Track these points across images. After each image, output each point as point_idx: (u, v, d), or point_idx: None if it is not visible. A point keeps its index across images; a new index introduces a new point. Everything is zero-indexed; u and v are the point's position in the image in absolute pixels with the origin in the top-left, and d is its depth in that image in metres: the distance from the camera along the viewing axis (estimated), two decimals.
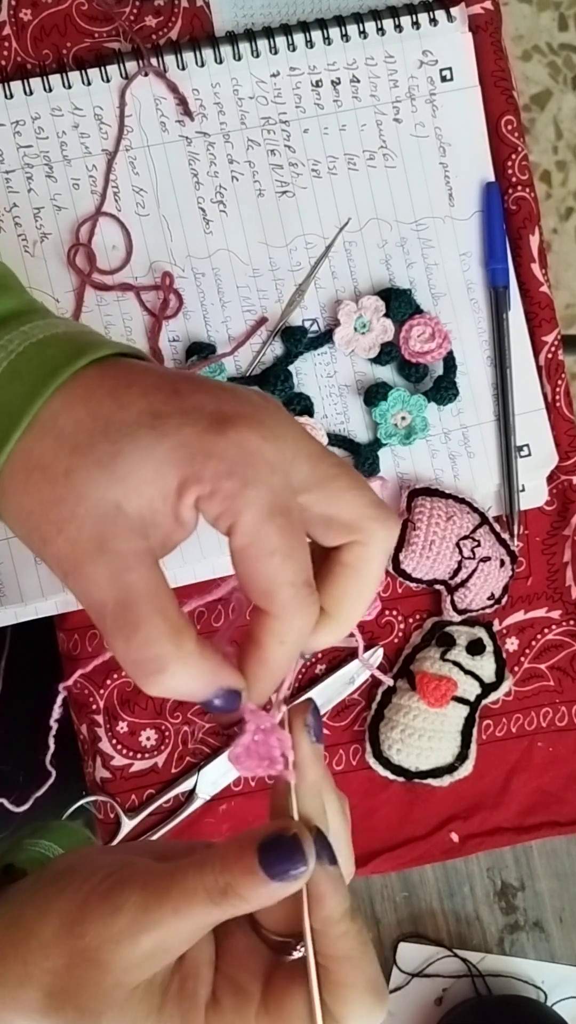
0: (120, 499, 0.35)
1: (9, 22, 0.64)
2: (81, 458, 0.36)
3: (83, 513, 0.35)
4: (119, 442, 0.36)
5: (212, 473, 0.35)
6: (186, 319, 0.66)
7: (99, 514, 0.35)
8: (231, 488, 0.35)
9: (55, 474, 0.36)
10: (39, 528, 0.36)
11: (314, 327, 0.67)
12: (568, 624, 0.70)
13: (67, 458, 0.36)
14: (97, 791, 0.66)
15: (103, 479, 0.35)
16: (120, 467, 0.35)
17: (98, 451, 0.36)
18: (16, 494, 0.37)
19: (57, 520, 0.36)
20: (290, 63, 0.66)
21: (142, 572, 0.36)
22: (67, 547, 0.36)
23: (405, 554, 0.66)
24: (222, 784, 0.67)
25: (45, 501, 0.36)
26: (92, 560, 0.35)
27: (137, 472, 0.35)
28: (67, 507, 0.36)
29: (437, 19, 0.67)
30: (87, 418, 0.37)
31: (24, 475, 0.36)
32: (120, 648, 0.35)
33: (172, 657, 0.35)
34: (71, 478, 0.36)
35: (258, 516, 0.36)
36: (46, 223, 0.64)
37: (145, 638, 0.35)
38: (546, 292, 0.69)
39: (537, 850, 0.73)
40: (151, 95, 0.65)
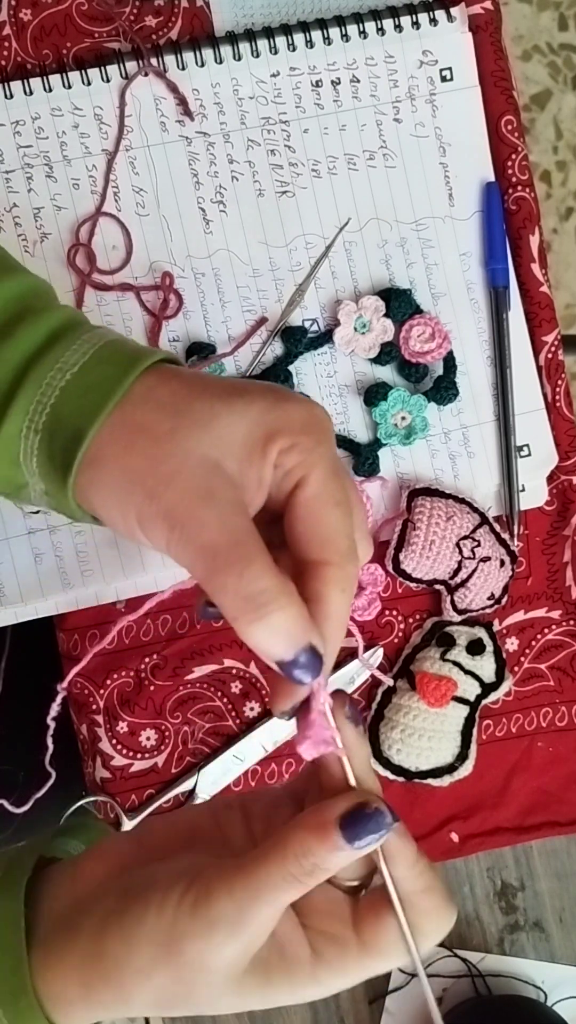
0: (219, 456, 0.40)
1: (9, 22, 0.64)
2: (183, 419, 0.40)
3: (191, 466, 0.39)
4: (215, 405, 0.40)
5: (293, 429, 0.40)
6: (186, 319, 0.66)
7: (205, 468, 0.39)
8: (307, 443, 0.40)
9: (160, 433, 0.40)
10: (145, 483, 0.40)
11: (314, 327, 0.67)
12: (568, 624, 0.70)
13: (170, 419, 0.40)
14: (97, 791, 0.66)
15: (205, 437, 0.40)
16: (217, 427, 0.40)
17: (196, 413, 0.40)
18: (119, 455, 0.40)
19: (166, 473, 0.39)
20: (290, 63, 0.66)
21: (246, 517, 0.39)
22: (177, 497, 0.39)
23: (405, 554, 0.66)
24: (222, 784, 0.67)
25: (152, 457, 0.40)
26: (204, 506, 0.39)
27: (232, 431, 0.40)
28: (175, 461, 0.39)
29: (437, 19, 0.67)
30: (182, 389, 0.41)
31: (128, 437, 0.40)
32: (232, 585, 0.38)
33: (281, 591, 0.38)
34: (175, 436, 0.40)
35: (327, 470, 0.40)
36: (46, 223, 0.64)
37: (259, 571, 0.38)
38: (546, 292, 0.69)
39: (537, 850, 0.73)
40: (151, 95, 0.65)
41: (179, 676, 0.66)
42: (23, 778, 0.65)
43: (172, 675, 0.66)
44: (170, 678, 0.66)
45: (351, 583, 0.41)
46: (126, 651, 0.66)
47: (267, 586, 0.38)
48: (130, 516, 0.40)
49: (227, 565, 0.38)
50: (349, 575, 0.40)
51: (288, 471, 0.40)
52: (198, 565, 0.39)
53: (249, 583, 0.38)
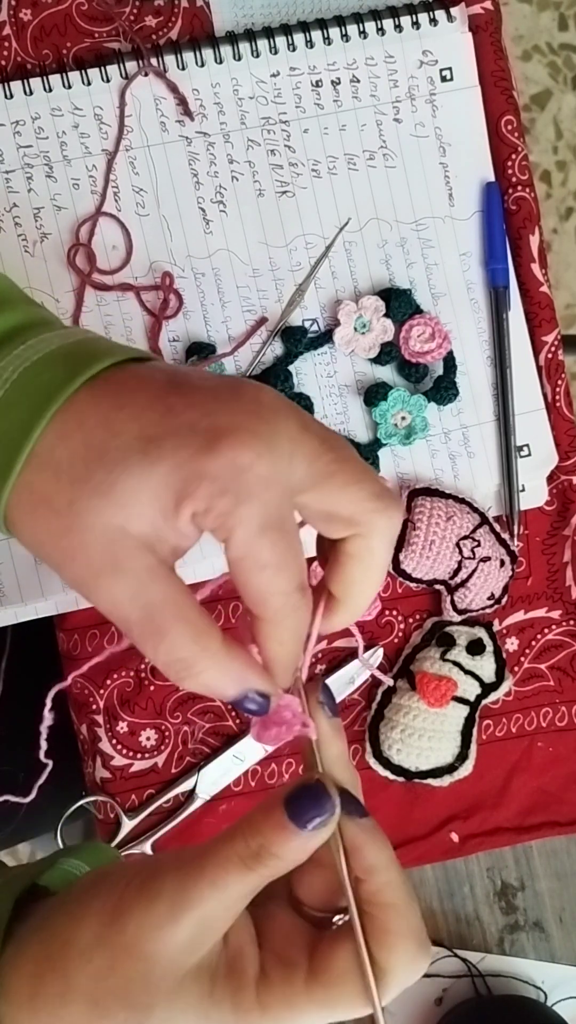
0: (123, 523, 0.37)
1: (9, 22, 0.64)
2: (81, 488, 0.37)
3: (92, 540, 0.37)
4: (114, 471, 0.37)
5: (205, 493, 0.37)
6: (186, 319, 0.66)
7: (107, 539, 0.37)
8: (224, 506, 0.37)
9: (59, 506, 0.37)
10: (52, 556, 0.38)
11: (314, 327, 0.67)
12: (568, 624, 0.70)
13: (68, 490, 0.37)
14: (97, 791, 0.66)
15: (104, 507, 0.37)
16: (118, 494, 0.37)
17: (95, 480, 0.37)
18: (26, 525, 0.39)
19: (68, 548, 0.38)
20: (290, 63, 0.66)
21: (159, 585, 0.37)
22: (82, 571, 0.38)
23: (405, 554, 0.66)
24: (222, 784, 0.67)
25: (54, 532, 0.38)
26: (109, 581, 0.37)
27: (135, 497, 0.37)
28: (76, 536, 0.37)
29: (437, 19, 0.67)
30: (81, 448, 0.38)
31: (30, 508, 0.38)
32: (150, 654, 0.37)
33: (198, 658, 0.37)
34: (74, 508, 0.37)
35: (250, 532, 0.37)
36: (46, 223, 0.64)
37: (171, 645, 0.37)
38: (546, 292, 0.69)
39: (537, 850, 0.73)
40: (151, 95, 0.65)
41: None
42: (23, 779, 0.65)
43: None
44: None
45: (289, 636, 0.39)
46: (126, 651, 0.66)
47: (184, 655, 0.37)
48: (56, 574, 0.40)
49: (142, 639, 0.37)
50: (288, 628, 0.39)
51: (211, 531, 0.38)
52: (120, 628, 0.38)
53: (164, 655, 0.37)
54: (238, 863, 0.37)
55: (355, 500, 0.39)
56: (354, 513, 0.39)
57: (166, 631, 0.37)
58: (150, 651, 0.37)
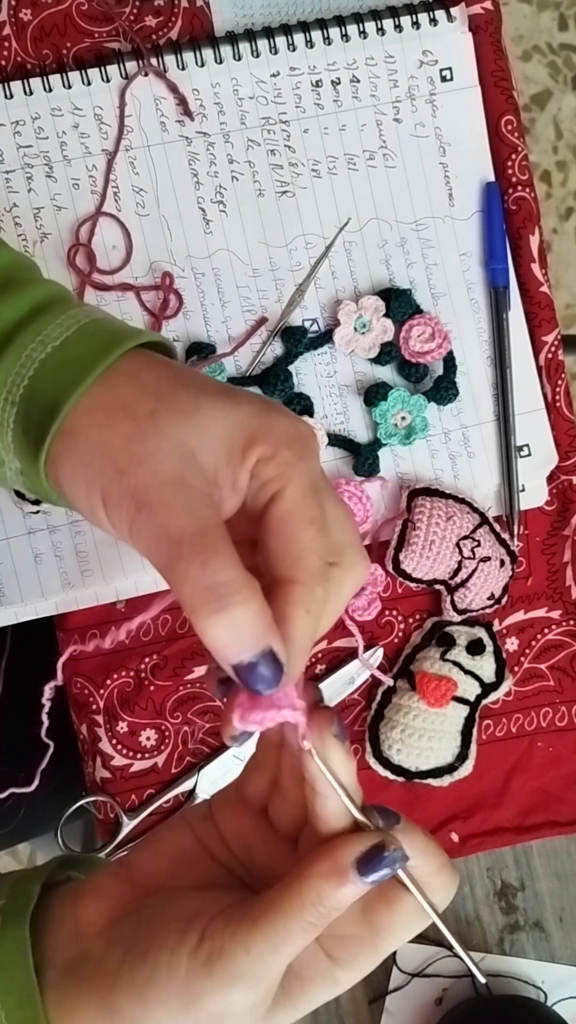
0: (196, 447, 0.38)
1: (9, 22, 0.64)
2: (166, 403, 0.39)
3: (166, 449, 0.38)
4: (200, 397, 0.39)
5: (276, 439, 0.39)
6: (186, 319, 0.66)
7: (180, 454, 0.38)
8: (288, 456, 0.39)
9: (139, 413, 0.39)
10: (116, 460, 0.38)
11: (314, 327, 0.67)
12: (568, 624, 0.70)
13: (152, 402, 0.39)
14: (97, 791, 0.66)
15: (184, 424, 0.39)
16: (199, 418, 0.39)
17: (180, 400, 0.39)
18: (94, 429, 0.39)
19: (140, 452, 0.38)
20: (290, 63, 0.66)
21: (215, 510, 0.38)
22: (148, 478, 0.38)
23: (405, 554, 0.66)
24: (222, 784, 0.66)
25: (127, 435, 0.38)
26: (173, 491, 0.38)
27: (213, 426, 0.39)
28: (150, 442, 0.38)
29: (437, 19, 0.67)
30: (169, 374, 0.41)
31: (106, 412, 0.39)
32: (194, 574, 0.36)
33: (244, 584, 0.36)
34: (155, 418, 0.39)
35: (305, 485, 0.39)
36: (46, 223, 0.64)
37: (223, 562, 0.36)
38: (546, 292, 0.69)
39: (537, 850, 0.73)
40: (151, 95, 0.65)
41: (179, 676, 0.66)
42: (23, 779, 0.65)
43: (172, 675, 0.66)
44: (170, 678, 0.66)
45: (317, 606, 0.39)
46: (126, 651, 0.66)
47: (231, 577, 0.36)
48: (95, 493, 0.39)
49: (191, 554, 0.36)
50: (316, 596, 0.39)
51: (265, 482, 0.39)
52: (161, 550, 0.37)
53: (212, 573, 0.36)
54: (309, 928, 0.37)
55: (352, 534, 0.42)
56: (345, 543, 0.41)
57: (218, 549, 0.37)
58: (196, 569, 0.36)
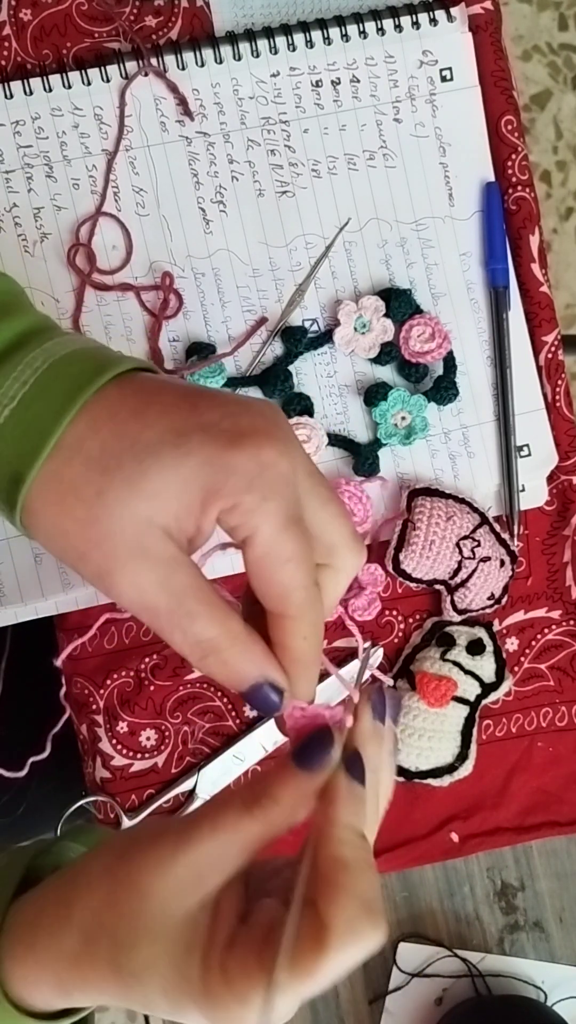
0: (151, 514, 0.38)
1: (9, 22, 0.64)
2: (111, 478, 0.38)
3: (119, 530, 0.38)
4: (145, 461, 0.38)
5: (233, 488, 0.38)
6: (186, 319, 0.66)
7: (135, 529, 0.38)
8: (251, 502, 0.38)
9: (87, 495, 0.38)
10: (76, 546, 0.39)
11: (314, 327, 0.67)
12: (568, 624, 0.70)
13: (98, 479, 0.38)
14: (97, 791, 0.66)
15: (133, 497, 0.38)
16: (148, 485, 0.38)
17: (126, 471, 0.38)
18: (50, 515, 0.39)
19: (95, 537, 0.38)
20: (290, 63, 0.66)
21: (184, 571, 0.39)
22: (108, 561, 0.38)
23: (405, 554, 0.66)
24: (222, 784, 0.67)
25: (80, 521, 0.38)
26: (136, 569, 0.38)
27: (164, 489, 0.38)
28: (103, 525, 0.38)
29: (437, 19, 0.67)
30: (112, 439, 0.39)
31: (57, 497, 0.39)
32: (178, 638, 0.39)
33: (225, 639, 0.39)
34: (103, 498, 0.38)
35: (275, 528, 0.38)
36: (46, 223, 0.64)
37: (201, 627, 0.39)
38: (546, 292, 0.69)
39: (537, 850, 0.73)
40: (151, 95, 0.65)
41: (179, 676, 0.66)
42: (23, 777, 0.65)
43: (172, 675, 0.66)
44: (170, 678, 0.66)
45: (313, 630, 0.41)
46: (126, 651, 0.66)
47: (212, 635, 0.39)
48: (71, 567, 0.40)
49: (169, 624, 0.39)
50: (310, 622, 0.40)
51: (232, 528, 0.39)
52: (144, 619, 0.39)
53: (193, 635, 0.39)
54: (238, 804, 0.38)
55: (342, 532, 0.42)
56: (337, 544, 0.41)
57: (196, 614, 0.38)
58: (179, 635, 0.39)
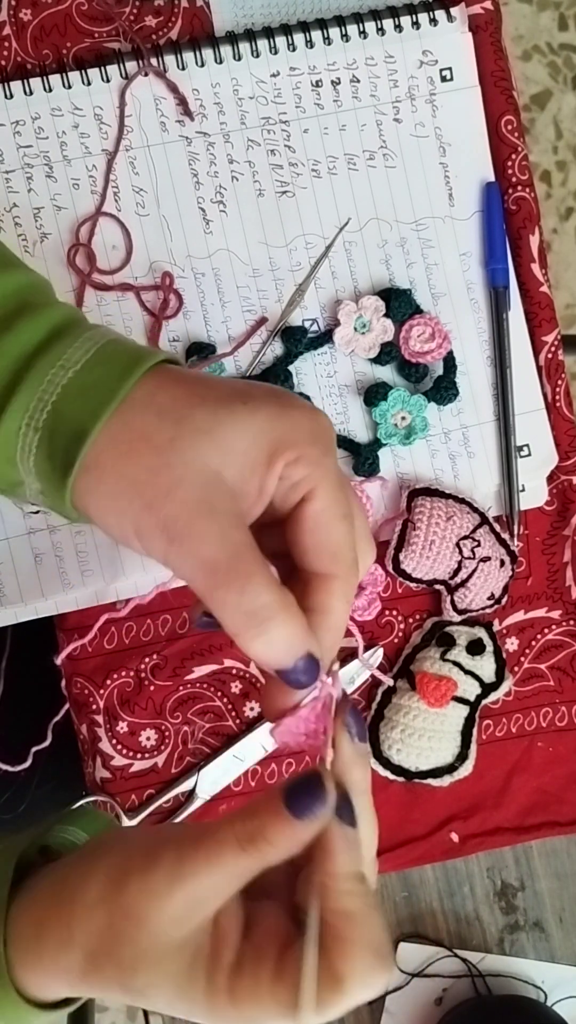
0: (220, 466, 0.39)
1: (9, 22, 0.64)
2: (184, 427, 0.39)
3: (191, 477, 0.38)
4: (218, 412, 0.39)
5: (299, 440, 0.39)
6: (186, 319, 0.66)
7: (205, 479, 0.38)
8: (314, 455, 0.39)
9: (160, 442, 0.39)
10: (144, 494, 0.39)
11: (314, 327, 0.67)
12: (568, 624, 0.70)
13: (171, 427, 0.39)
14: (97, 791, 0.66)
15: (206, 446, 0.39)
16: (220, 435, 0.39)
17: (198, 420, 0.39)
18: (118, 464, 0.39)
19: (166, 484, 0.39)
20: (290, 63, 0.66)
21: (245, 531, 0.39)
22: (176, 510, 0.38)
23: (405, 554, 0.66)
24: (222, 784, 0.67)
25: (152, 468, 0.39)
26: (203, 520, 0.38)
27: (235, 441, 0.39)
28: (175, 472, 0.38)
29: (437, 19, 0.67)
30: (184, 394, 0.40)
31: (127, 445, 0.39)
32: (233, 601, 0.38)
33: (280, 605, 0.38)
34: (176, 445, 0.39)
35: (334, 482, 0.40)
36: (46, 223, 0.64)
37: (259, 586, 0.38)
38: (546, 292, 0.69)
39: (537, 850, 0.73)
40: (151, 95, 0.65)
41: (179, 676, 0.66)
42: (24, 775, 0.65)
43: (172, 675, 0.66)
44: (170, 678, 0.66)
45: (352, 594, 0.41)
46: (126, 651, 0.66)
47: (268, 601, 0.38)
48: (127, 526, 0.40)
49: (228, 581, 0.38)
50: (353, 586, 0.41)
51: (295, 483, 0.40)
52: (198, 579, 0.38)
53: (251, 599, 0.38)
54: (233, 842, 0.38)
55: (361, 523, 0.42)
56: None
57: (253, 573, 0.38)
58: (235, 596, 0.38)
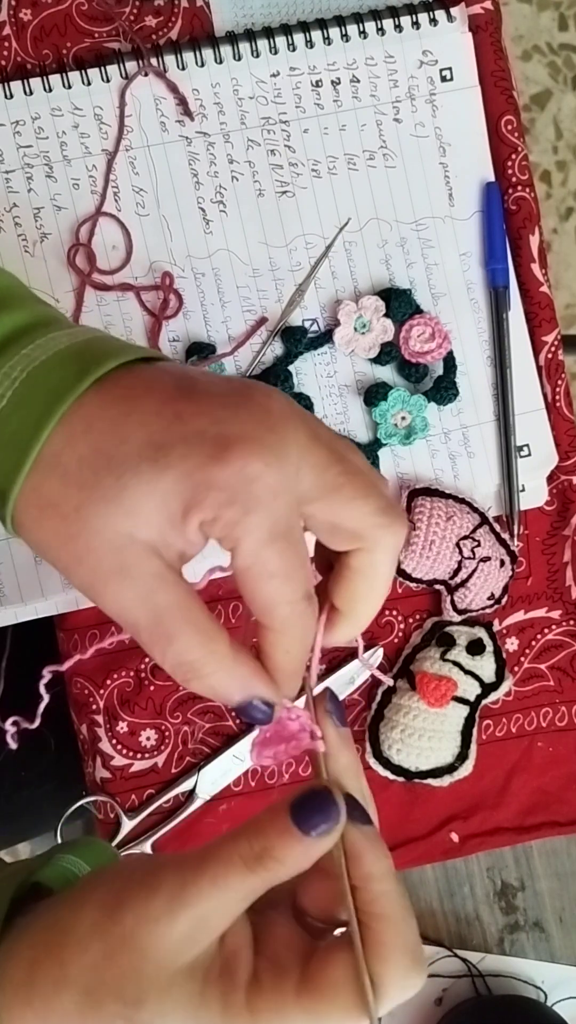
0: (131, 529, 0.37)
1: (9, 22, 0.64)
2: (89, 494, 0.37)
3: (99, 546, 0.37)
4: (123, 477, 0.37)
5: (213, 502, 0.36)
6: (186, 319, 0.66)
7: (115, 545, 0.37)
8: (232, 515, 0.37)
9: (66, 511, 0.37)
10: (60, 560, 0.38)
11: (314, 327, 0.67)
12: (568, 624, 0.70)
13: (76, 495, 0.37)
14: (97, 791, 0.66)
15: (112, 513, 0.37)
16: (126, 501, 0.37)
17: (103, 487, 0.37)
18: (33, 529, 0.39)
19: (75, 552, 0.38)
20: (290, 63, 0.66)
21: (167, 589, 0.37)
22: (90, 576, 0.38)
23: (405, 554, 0.66)
24: (222, 784, 0.67)
25: (61, 536, 0.38)
26: (117, 586, 0.37)
27: (143, 504, 0.37)
28: (83, 541, 0.37)
29: (437, 19, 0.67)
30: (89, 454, 0.38)
31: (37, 512, 0.38)
32: (158, 657, 0.38)
33: (206, 661, 0.38)
34: (81, 513, 0.37)
35: (258, 542, 0.37)
36: (46, 223, 0.64)
37: (179, 648, 0.37)
38: (546, 292, 0.69)
39: (537, 850, 0.73)
40: (151, 95, 0.65)
41: None
42: (24, 777, 0.65)
43: None
44: (170, 678, 0.66)
45: (296, 645, 0.39)
46: (126, 651, 0.66)
47: (193, 658, 0.38)
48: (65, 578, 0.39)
49: (150, 641, 0.38)
50: (292, 639, 0.39)
51: (218, 539, 0.38)
52: (127, 630, 0.39)
53: (173, 658, 0.38)
54: (240, 864, 0.36)
55: (361, 514, 0.39)
56: (359, 527, 0.39)
57: (174, 635, 0.37)
58: (158, 654, 0.38)
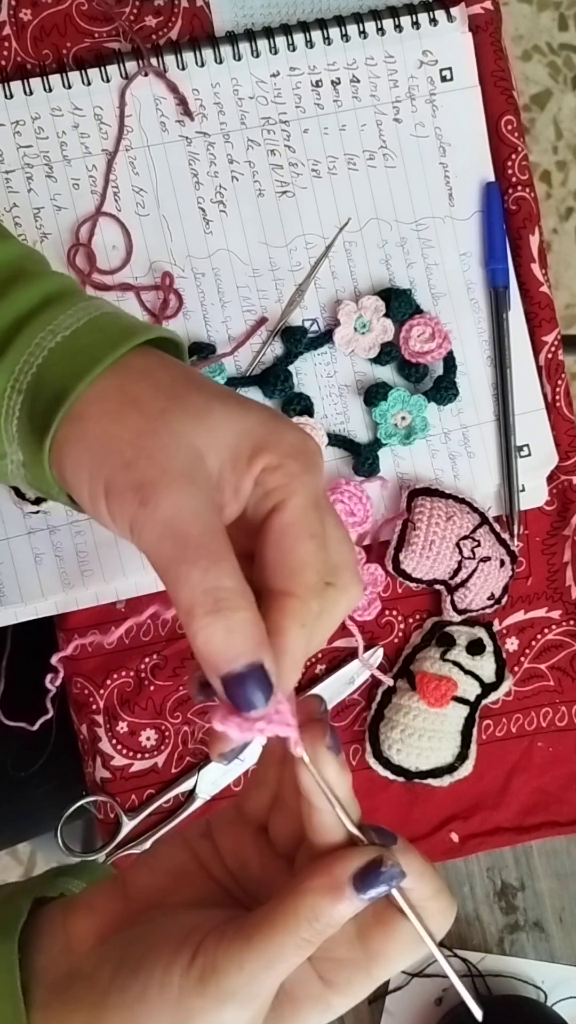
0: (204, 449, 0.38)
1: (9, 22, 0.64)
2: (177, 403, 0.39)
3: (175, 447, 0.38)
4: (212, 401, 0.39)
5: (283, 449, 0.39)
6: (186, 319, 0.66)
7: (189, 454, 0.38)
8: (294, 468, 0.39)
9: (150, 411, 0.39)
10: (124, 452, 0.38)
11: (314, 327, 0.67)
12: (568, 624, 0.70)
13: (164, 400, 0.39)
14: (97, 791, 0.66)
15: (195, 426, 0.39)
16: (210, 421, 0.39)
17: (192, 401, 0.39)
18: (103, 420, 0.39)
19: (149, 448, 0.38)
20: (290, 63, 0.66)
21: (219, 516, 0.38)
22: (157, 472, 0.37)
23: (405, 554, 0.66)
24: (222, 784, 0.67)
25: (137, 430, 0.38)
26: (183, 488, 0.37)
27: (223, 430, 0.39)
28: (159, 439, 0.38)
29: (437, 19, 0.67)
30: (182, 375, 0.41)
31: (116, 405, 0.39)
32: (196, 578, 0.36)
33: (244, 595, 0.36)
34: (166, 416, 0.39)
35: (308, 499, 0.39)
36: (46, 223, 0.64)
37: (224, 570, 0.36)
38: (546, 292, 0.69)
39: (537, 850, 0.73)
40: (151, 95, 0.65)
41: (179, 676, 0.66)
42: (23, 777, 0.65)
43: (172, 675, 0.66)
44: (170, 678, 0.66)
45: (311, 620, 0.39)
46: (126, 651, 0.66)
47: (233, 586, 0.36)
48: (98, 483, 0.38)
49: (195, 557, 0.36)
50: (312, 611, 0.38)
51: (268, 491, 0.39)
52: (163, 548, 0.36)
53: (215, 579, 0.36)
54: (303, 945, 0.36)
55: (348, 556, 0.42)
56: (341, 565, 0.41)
57: (222, 556, 0.36)
58: (199, 572, 0.36)
